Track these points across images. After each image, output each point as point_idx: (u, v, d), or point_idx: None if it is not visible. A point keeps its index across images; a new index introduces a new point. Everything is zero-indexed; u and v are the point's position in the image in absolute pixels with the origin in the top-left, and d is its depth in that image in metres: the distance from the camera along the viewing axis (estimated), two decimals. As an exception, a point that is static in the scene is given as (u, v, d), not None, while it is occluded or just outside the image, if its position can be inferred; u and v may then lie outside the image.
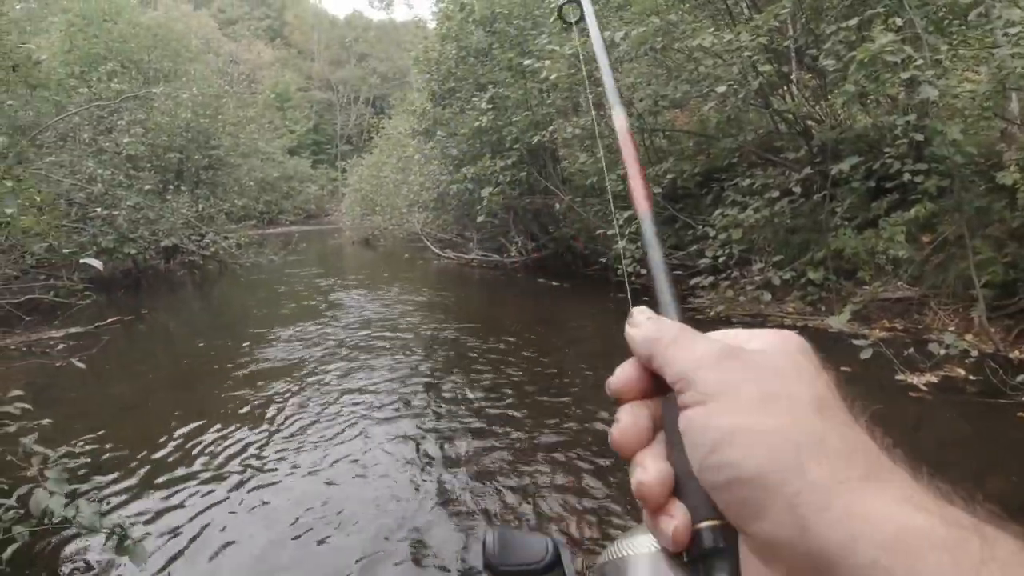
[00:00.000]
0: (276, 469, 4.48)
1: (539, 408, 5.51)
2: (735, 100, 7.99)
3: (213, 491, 4.15)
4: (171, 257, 15.68)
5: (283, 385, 6.55)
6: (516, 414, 5.30)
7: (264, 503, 4.00)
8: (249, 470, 4.47)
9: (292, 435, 5.18)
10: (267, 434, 5.16)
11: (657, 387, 0.39)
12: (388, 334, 8.76)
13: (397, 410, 5.62)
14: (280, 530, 3.63)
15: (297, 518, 3.75)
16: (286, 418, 5.57)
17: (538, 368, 6.69)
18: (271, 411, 5.75)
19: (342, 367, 7.20)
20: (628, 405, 0.40)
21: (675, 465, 0.36)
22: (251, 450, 4.82)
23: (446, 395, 5.93)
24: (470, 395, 5.96)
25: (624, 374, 0.41)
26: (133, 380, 7.28)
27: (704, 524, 0.34)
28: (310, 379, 6.75)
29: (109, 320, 9.64)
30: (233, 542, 3.55)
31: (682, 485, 0.36)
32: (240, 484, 4.29)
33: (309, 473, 4.38)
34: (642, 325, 0.41)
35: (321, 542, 3.48)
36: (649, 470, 0.37)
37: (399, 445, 4.86)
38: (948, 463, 3.93)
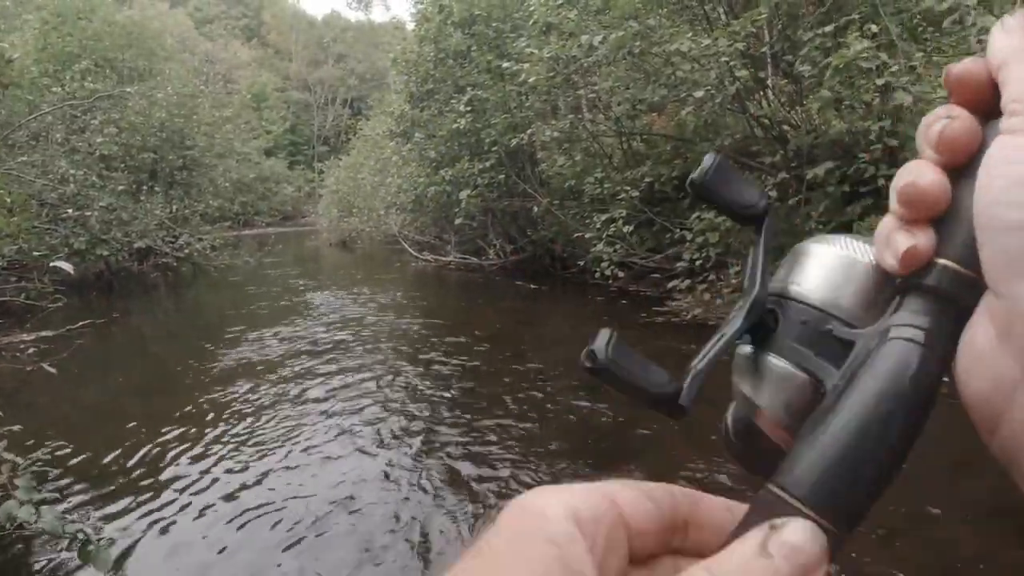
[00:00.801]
0: (249, 471, 4.44)
1: (515, 404, 5.53)
2: (712, 105, 8.05)
3: (186, 496, 4.10)
4: (144, 259, 15.49)
5: (257, 387, 6.50)
6: (493, 412, 5.28)
7: (238, 506, 3.96)
8: (222, 474, 4.43)
9: (266, 437, 5.13)
10: (241, 437, 5.11)
11: (981, 104, 0.32)
12: (364, 336, 8.72)
13: (372, 412, 5.59)
14: (255, 534, 3.60)
15: (273, 522, 3.72)
16: (260, 420, 5.52)
17: (515, 366, 6.69)
18: (245, 413, 5.70)
19: (317, 368, 7.15)
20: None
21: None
22: (224, 453, 4.77)
23: (422, 395, 5.92)
24: (446, 394, 5.97)
25: (970, 66, 0.33)
26: (105, 384, 7.18)
27: (949, 262, 0.30)
28: (285, 381, 6.69)
29: (81, 323, 9.48)
30: (206, 547, 3.51)
31: (948, 215, 0.31)
32: (214, 488, 4.25)
33: (284, 474, 4.36)
34: (1014, 32, 0.32)
35: (293, 545, 3.45)
36: (927, 174, 0.31)
37: (374, 445, 4.85)
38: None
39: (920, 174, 0.31)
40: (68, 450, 4.73)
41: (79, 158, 13.29)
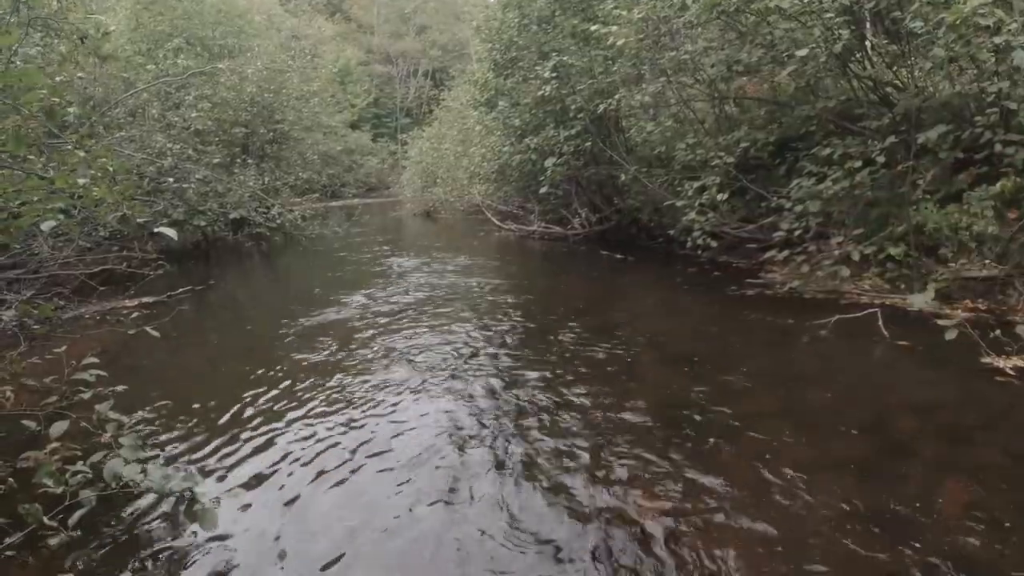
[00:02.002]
0: (345, 426, 4.51)
1: (601, 378, 5.42)
2: (815, 64, 7.62)
3: (294, 461, 4.13)
4: (239, 229, 15.95)
5: (347, 348, 6.64)
6: (581, 387, 5.18)
7: (338, 461, 4.02)
8: (320, 429, 4.51)
9: (358, 394, 5.23)
10: (334, 394, 5.21)
11: None
12: (448, 302, 8.79)
13: (463, 377, 5.59)
14: (368, 508, 3.56)
15: (386, 498, 3.66)
16: (352, 378, 5.63)
17: (601, 339, 6.54)
18: (337, 372, 5.81)
19: (403, 331, 7.26)
20: None
21: None
22: (327, 420, 4.81)
23: (521, 371, 5.80)
24: (530, 364, 5.89)
25: None
26: (204, 347, 7.43)
27: None
28: (372, 341, 6.82)
29: (180, 290, 9.88)
30: (309, 502, 3.56)
31: None
32: (313, 444, 4.32)
33: (391, 450, 4.30)
34: None
35: (412, 527, 3.41)
36: None
37: (461, 406, 4.89)
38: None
39: None
40: (170, 411, 4.88)
41: (175, 133, 13.72)
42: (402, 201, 32.15)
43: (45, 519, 3.08)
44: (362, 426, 4.65)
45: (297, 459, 4.15)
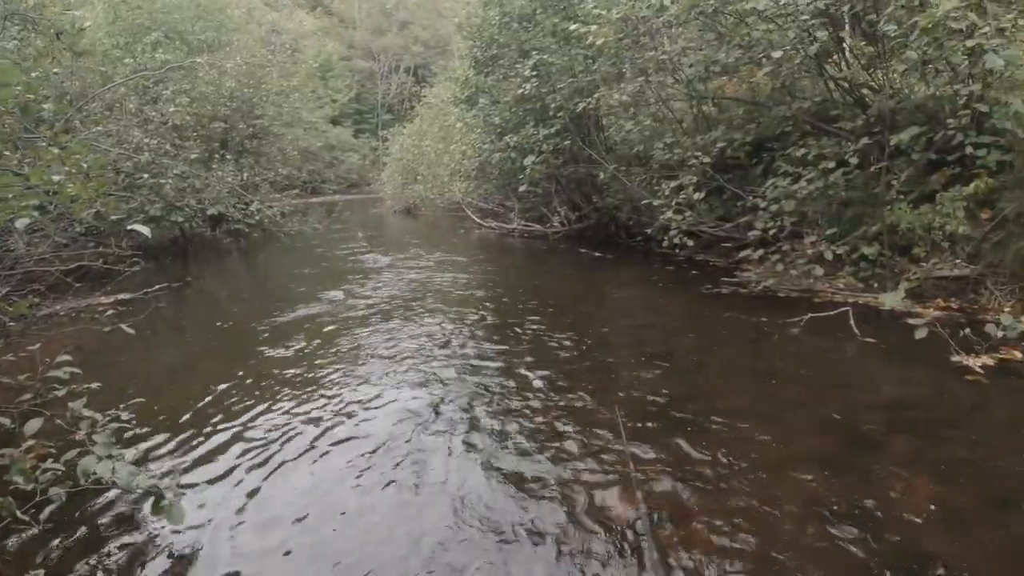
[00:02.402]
0: (322, 434, 4.49)
1: (578, 373, 5.46)
2: (790, 66, 7.72)
3: (259, 454, 4.17)
4: (217, 225, 15.84)
5: (324, 345, 6.64)
6: (555, 381, 5.23)
7: (311, 467, 4.01)
8: (295, 434, 4.49)
9: (334, 392, 5.24)
10: (313, 397, 5.19)
11: None
12: (427, 299, 8.81)
13: (433, 371, 5.63)
14: (326, 497, 3.62)
15: (345, 486, 3.74)
16: (328, 376, 5.63)
17: (578, 335, 6.61)
18: (313, 370, 5.81)
19: (381, 328, 7.28)
20: None
21: None
22: (296, 413, 4.84)
23: (489, 362, 5.88)
24: (506, 359, 5.94)
25: None
26: (181, 345, 7.39)
27: None
28: (353, 343, 6.79)
29: (157, 287, 9.80)
30: (278, 501, 3.57)
31: None
32: (285, 443, 4.33)
33: (354, 438, 4.38)
34: None
35: (368, 513, 3.46)
36: None
37: (433, 402, 4.90)
38: (1004, 448, 3.79)
39: None
40: (144, 408, 4.86)
41: (152, 128, 13.56)
42: (383, 198, 32.08)
43: (18, 513, 3.10)
44: (330, 419, 4.71)
45: (266, 453, 4.18)
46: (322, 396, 5.20)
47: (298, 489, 3.71)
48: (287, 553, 3.12)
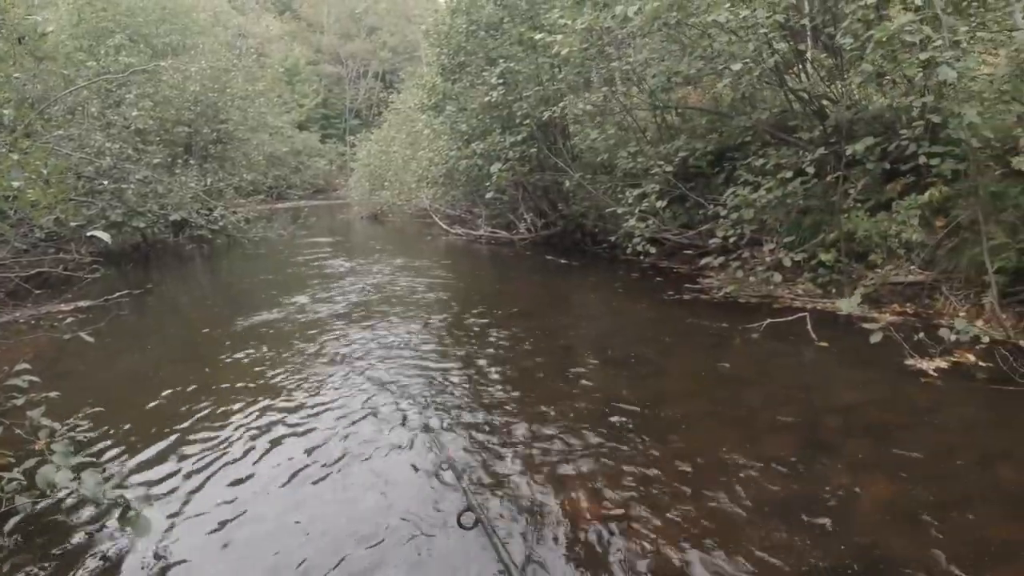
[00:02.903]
0: (285, 439, 4.49)
1: (541, 378, 5.52)
2: (750, 78, 7.88)
3: (222, 463, 4.15)
4: (180, 231, 15.68)
5: (288, 353, 6.60)
6: (520, 388, 5.27)
7: (274, 473, 4.00)
8: (259, 441, 4.48)
9: (298, 401, 5.22)
10: (276, 404, 5.17)
11: None
12: (392, 306, 8.80)
13: (400, 378, 5.63)
14: (288, 502, 3.63)
15: (319, 497, 3.73)
16: (292, 385, 5.61)
17: (543, 340, 6.68)
18: (279, 381, 5.77)
19: (346, 335, 7.27)
20: None
21: None
22: (260, 421, 4.83)
23: (452, 367, 5.93)
24: (471, 365, 5.96)
25: None
26: (142, 352, 7.30)
27: None
28: (314, 347, 6.78)
29: (118, 294, 9.67)
30: (242, 513, 3.55)
31: None
32: (247, 452, 4.31)
33: (318, 444, 4.38)
34: None
35: (338, 517, 3.47)
36: None
37: (405, 415, 4.86)
38: (958, 449, 3.91)
39: None
40: (104, 417, 4.81)
41: (115, 132, 13.42)
42: (350, 204, 31.87)
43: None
44: (283, 422, 4.78)
45: (226, 459, 4.19)
46: (278, 400, 5.24)
47: (254, 506, 3.67)
48: (254, 560, 3.13)
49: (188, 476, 4.00)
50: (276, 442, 4.45)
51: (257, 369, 6.11)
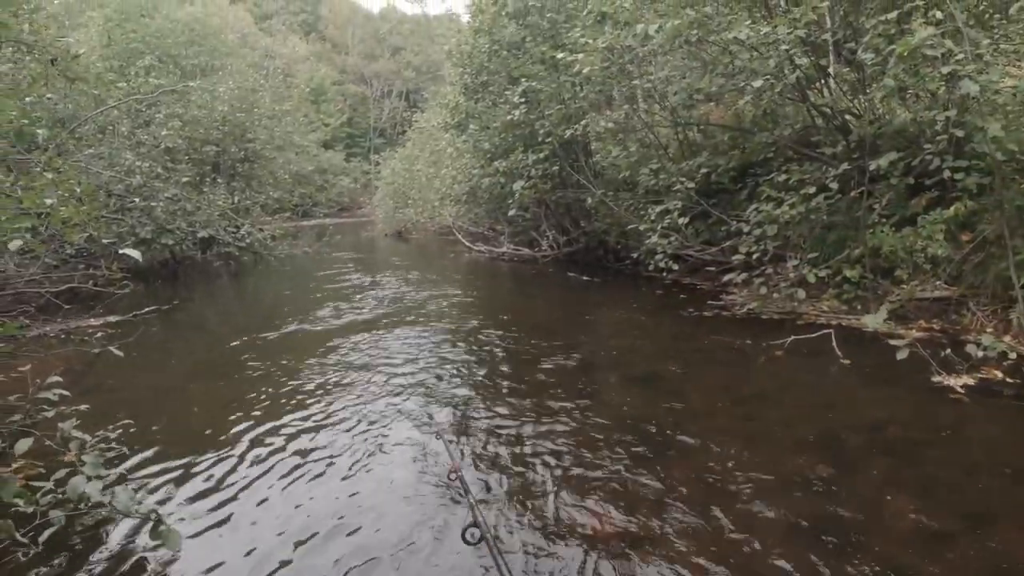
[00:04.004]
0: (314, 455, 4.51)
1: (563, 395, 5.49)
2: (771, 94, 7.87)
3: (251, 478, 4.18)
4: (207, 248, 15.89)
5: (314, 369, 6.64)
6: (536, 403, 5.27)
7: (304, 489, 4.02)
8: (286, 456, 4.51)
9: (324, 417, 5.24)
10: (304, 420, 5.21)
11: None
12: (417, 322, 8.83)
13: (428, 398, 5.62)
14: (318, 518, 3.64)
15: (336, 510, 3.74)
16: (318, 401, 5.63)
17: (565, 357, 6.67)
18: (303, 394, 5.82)
19: (370, 352, 7.29)
20: None
21: None
22: (288, 436, 4.86)
23: (470, 380, 5.97)
24: (494, 382, 5.96)
25: None
26: (170, 367, 7.40)
27: None
28: (340, 363, 6.82)
29: (146, 309, 9.83)
30: (272, 529, 3.57)
31: None
32: (278, 471, 4.32)
33: (346, 461, 4.39)
34: None
35: (354, 532, 3.48)
36: None
37: (424, 428, 4.87)
38: (984, 467, 3.85)
39: None
40: (134, 430, 4.88)
41: (144, 151, 13.68)
42: (374, 221, 32.17)
43: (17, 535, 3.10)
44: (311, 435, 4.83)
45: (254, 475, 4.21)
46: (301, 413, 5.30)
47: (280, 521, 3.68)
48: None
49: (217, 489, 4.03)
50: (298, 453, 4.49)
51: (281, 380, 6.19)
